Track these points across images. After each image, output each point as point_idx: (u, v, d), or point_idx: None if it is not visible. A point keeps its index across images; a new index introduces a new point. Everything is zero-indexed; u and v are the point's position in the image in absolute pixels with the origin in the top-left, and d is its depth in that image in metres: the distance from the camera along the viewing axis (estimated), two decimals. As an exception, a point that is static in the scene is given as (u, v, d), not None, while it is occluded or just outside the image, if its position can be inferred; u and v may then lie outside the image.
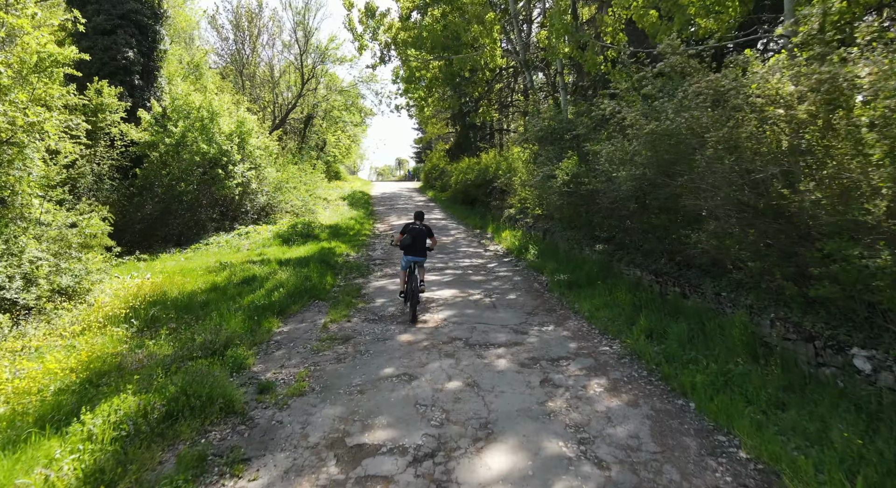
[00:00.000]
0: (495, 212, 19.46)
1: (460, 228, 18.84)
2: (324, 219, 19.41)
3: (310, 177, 22.79)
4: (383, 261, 12.85)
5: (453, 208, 23.69)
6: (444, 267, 12.15)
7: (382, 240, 16.31)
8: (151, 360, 5.88)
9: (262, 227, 16.76)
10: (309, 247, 14.15)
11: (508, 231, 15.92)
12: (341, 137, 34.52)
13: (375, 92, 32.45)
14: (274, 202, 18.40)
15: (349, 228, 17.74)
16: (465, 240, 16.35)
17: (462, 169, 23.90)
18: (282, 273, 10.16)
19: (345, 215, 20.83)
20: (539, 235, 14.01)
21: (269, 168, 19.15)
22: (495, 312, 8.36)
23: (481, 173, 19.97)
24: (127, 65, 17.97)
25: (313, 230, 16.46)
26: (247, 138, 17.95)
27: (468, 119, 30.95)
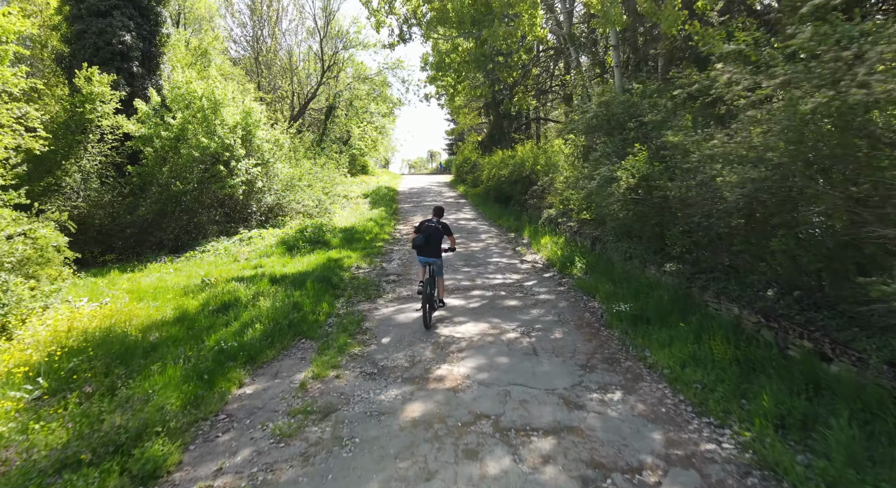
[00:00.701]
0: (532, 213, 17.13)
1: (492, 231, 16.59)
2: (340, 220, 17.45)
3: (327, 172, 20.86)
4: (399, 277, 10.73)
5: (485, 206, 21.42)
6: (470, 285, 9.96)
7: (403, 247, 14.21)
8: (20, 466, 3.90)
9: (267, 231, 14.89)
10: (315, 256, 12.16)
11: (549, 237, 13.60)
12: (367, 129, 32.60)
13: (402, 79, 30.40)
14: (283, 202, 16.52)
15: (366, 232, 15.70)
16: (497, 246, 14.10)
17: (494, 163, 21.58)
18: (264, 301, 8.13)
19: (364, 215, 18.83)
20: (586, 244, 11.64)
21: (279, 163, 17.26)
22: (537, 363, 6.13)
23: (516, 169, 17.66)
24: (124, 50, 16.30)
25: (324, 235, 14.49)
26: (253, 131, 16.09)
27: (502, 108, 28.58)
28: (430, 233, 7.69)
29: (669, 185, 5.96)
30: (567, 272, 10.62)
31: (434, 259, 7.70)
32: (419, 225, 7.87)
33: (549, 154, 17.53)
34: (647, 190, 6.62)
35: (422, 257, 7.75)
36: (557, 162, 16.15)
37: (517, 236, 15.55)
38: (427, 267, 7.65)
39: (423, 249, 7.69)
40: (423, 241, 7.64)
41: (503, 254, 13.11)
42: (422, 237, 7.64)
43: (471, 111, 35.86)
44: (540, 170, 16.41)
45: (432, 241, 7.69)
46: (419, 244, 7.67)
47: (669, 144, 6.24)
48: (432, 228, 7.73)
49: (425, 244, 7.66)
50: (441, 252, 7.82)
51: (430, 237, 7.67)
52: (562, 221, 13.62)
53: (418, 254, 7.81)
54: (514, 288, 9.74)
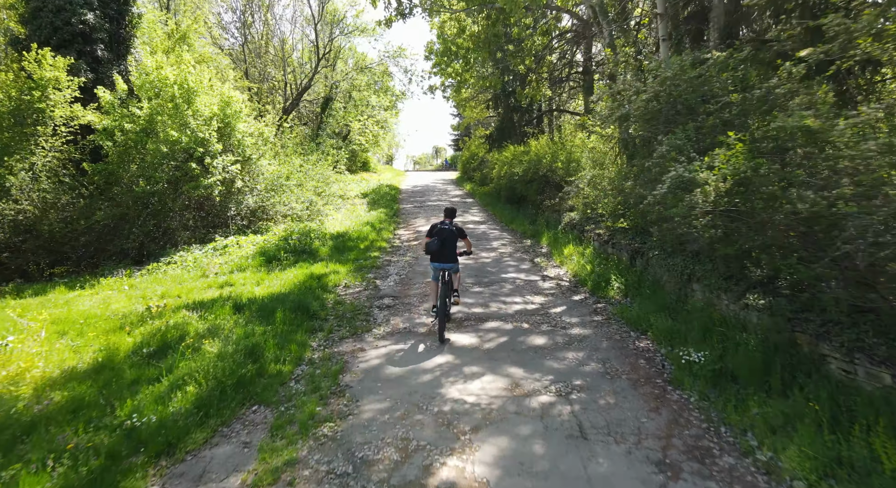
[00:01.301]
0: (549, 216, 15.11)
1: (504, 237, 14.57)
2: (332, 224, 15.48)
3: (320, 170, 18.88)
4: (395, 301, 8.74)
5: (495, 207, 19.40)
6: (484, 313, 7.96)
7: (402, 257, 12.23)
8: None
9: (247, 239, 12.94)
10: (296, 271, 10.20)
11: (572, 246, 11.59)
12: (368, 124, 30.60)
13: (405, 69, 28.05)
14: (267, 204, 14.55)
15: (360, 238, 13.72)
16: (512, 257, 12.10)
17: (505, 159, 19.54)
18: (211, 344, 6.13)
19: (360, 218, 16.85)
20: (622, 258, 9.62)
21: (264, 160, 15.30)
22: (589, 455, 4.15)
23: (531, 166, 15.63)
24: (86, 31, 14.33)
25: (311, 243, 12.53)
26: (233, 123, 14.13)
27: (512, 100, 26.57)
28: (444, 236, 7.13)
29: (794, 194, 3.94)
30: (602, 294, 8.61)
31: (451, 264, 7.15)
32: (431, 228, 7.30)
33: (569, 149, 15.49)
34: (746, 198, 4.59)
35: (437, 263, 7.17)
36: (579, 158, 14.10)
37: (534, 243, 13.54)
38: (442, 273, 7.04)
39: (438, 254, 7.12)
40: (438, 246, 7.07)
41: (520, 266, 11.10)
42: (436, 242, 7.07)
43: (478, 104, 33.79)
44: (559, 169, 14.36)
45: (447, 245, 7.14)
46: (434, 249, 7.09)
47: (789, 133, 4.21)
48: (446, 231, 7.17)
49: (441, 248, 7.09)
50: (457, 256, 7.27)
51: (444, 241, 7.12)
52: (589, 229, 11.59)
53: (432, 260, 7.21)
54: (539, 317, 7.73)
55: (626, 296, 8.34)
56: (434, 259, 7.21)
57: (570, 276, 10.17)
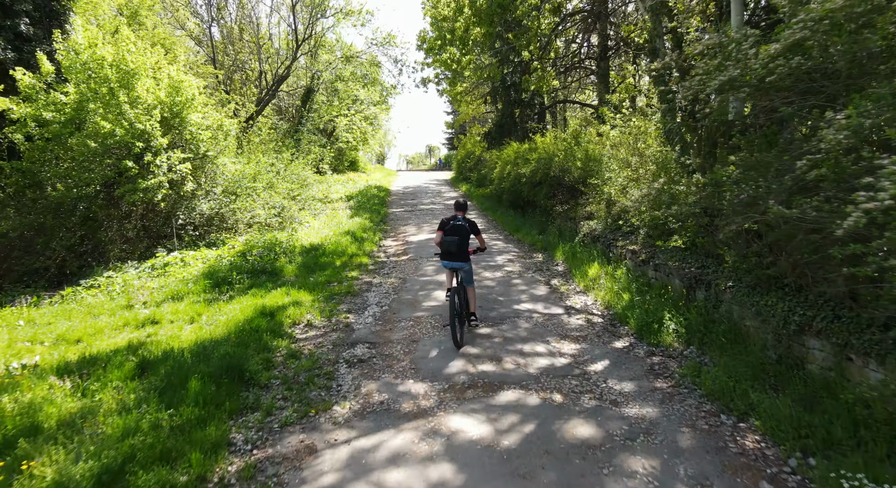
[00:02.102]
0: (563, 224, 12.80)
1: (510, 250, 12.25)
2: (307, 233, 13.10)
3: (296, 170, 16.45)
4: (371, 350, 6.37)
5: (496, 212, 17.07)
6: (495, 372, 5.62)
7: (387, 277, 9.88)
8: None
9: (196, 254, 10.54)
10: (247, 301, 7.84)
11: (598, 265, 9.30)
12: (356, 120, 28.16)
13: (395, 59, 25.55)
14: (226, 211, 12.12)
15: (337, 253, 11.35)
16: (522, 277, 9.77)
17: (508, 158, 17.20)
18: (46, 464, 3.74)
19: (341, 226, 14.47)
20: (673, 286, 7.29)
21: (225, 158, 12.89)
22: None
23: (541, 166, 13.28)
24: (5, 2, 11.86)
25: (275, 259, 10.18)
26: (185, 113, 11.71)
27: (513, 93, 24.28)
28: (458, 233, 6.62)
29: None
30: (653, 340, 6.29)
31: (462, 264, 6.63)
32: (442, 223, 6.84)
33: (586, 146, 13.18)
34: None
35: (447, 262, 6.68)
36: (599, 157, 11.79)
37: (547, 259, 11.23)
38: (455, 273, 6.66)
39: (452, 254, 6.57)
40: (455, 247, 6.52)
41: (534, 291, 8.77)
42: (453, 242, 6.51)
43: (474, 99, 31.47)
44: (576, 169, 12.03)
45: (460, 243, 6.58)
46: (452, 249, 6.53)
47: None
48: (460, 228, 6.68)
49: (457, 249, 6.54)
50: (469, 255, 6.75)
51: (459, 239, 6.58)
52: (620, 244, 9.26)
53: (443, 258, 6.73)
54: (575, 380, 5.40)
55: (689, 345, 6.04)
56: (445, 257, 6.66)
57: (602, 307, 7.85)
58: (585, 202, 12.24)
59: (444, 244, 6.60)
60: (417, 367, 5.75)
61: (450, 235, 6.60)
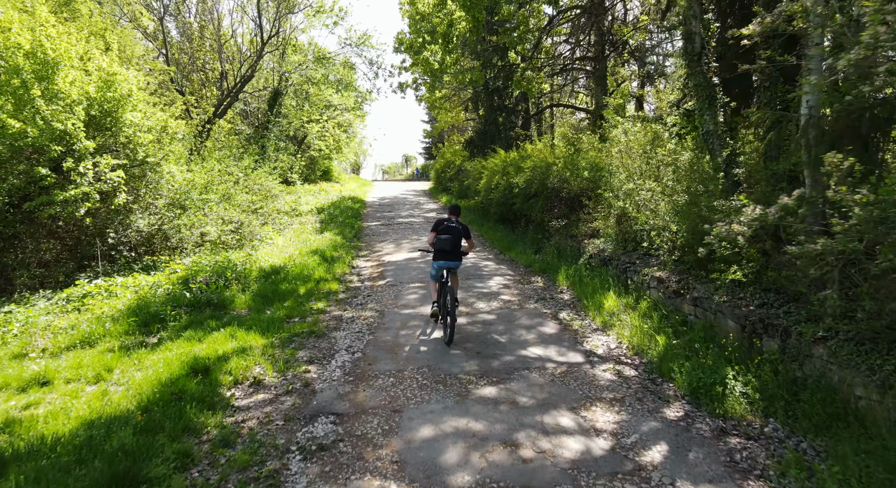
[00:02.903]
0: (561, 241, 11.28)
1: (503, 272, 10.64)
2: (268, 253, 11.29)
3: (259, 179, 14.62)
4: (337, 428, 4.61)
5: (482, 227, 15.48)
6: (511, 466, 3.95)
7: (360, 311, 8.16)
8: None
9: (126, 281, 8.65)
10: (177, 351, 6.04)
11: (614, 294, 7.77)
12: (329, 126, 26.35)
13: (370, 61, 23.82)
14: (169, 228, 10.22)
15: (302, 277, 9.59)
16: (523, 308, 8.15)
17: (495, 167, 15.66)
18: None
19: (308, 243, 12.69)
20: (730, 328, 5.73)
21: (172, 165, 11.03)
22: None
23: (538, 175, 11.73)
24: None
25: (224, 288, 8.39)
26: (120, 112, 9.85)
27: (497, 98, 22.88)
28: (451, 233, 6.80)
29: None
30: (718, 410, 4.69)
31: (456, 263, 6.85)
32: (437, 223, 7.02)
33: (593, 154, 11.72)
34: None
35: (442, 262, 6.78)
36: (606, 166, 10.31)
37: (548, 284, 9.66)
38: (445, 274, 6.76)
39: (443, 252, 6.76)
40: (451, 246, 6.73)
41: (542, 329, 7.15)
42: (448, 241, 6.70)
43: (454, 106, 30.05)
44: (581, 179, 10.52)
45: (454, 244, 6.78)
46: (446, 249, 6.72)
47: None
48: (454, 229, 6.86)
49: (452, 249, 6.76)
50: (461, 255, 6.96)
51: (453, 239, 6.77)
52: (646, 272, 7.68)
53: (437, 258, 6.82)
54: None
55: (768, 417, 4.48)
56: (439, 257, 6.83)
57: (630, 353, 6.27)
58: (589, 217, 10.75)
59: (438, 243, 6.75)
60: (402, 460, 4.05)
61: (443, 234, 6.77)
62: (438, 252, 6.81)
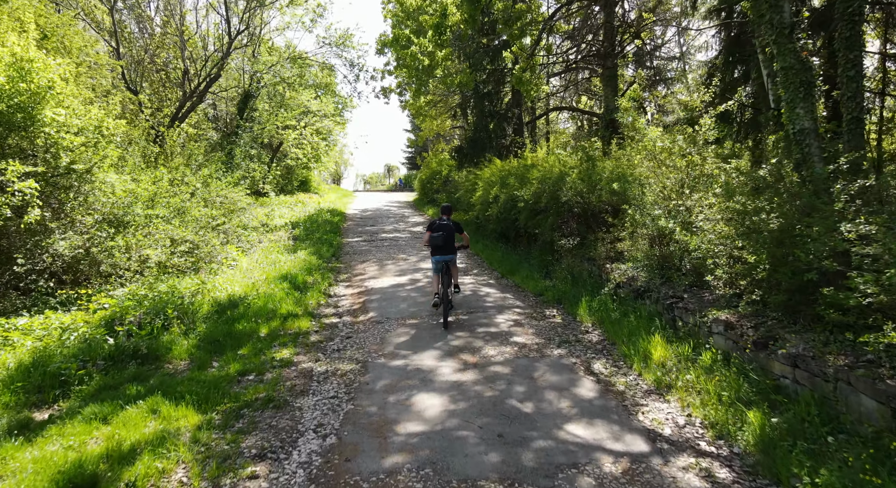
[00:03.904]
0: (573, 263, 9.62)
1: (510, 303, 8.89)
2: (229, 278, 9.41)
3: (222, 190, 12.70)
4: None
5: (479, 245, 13.75)
6: None
7: (338, 362, 6.35)
8: None
9: (33, 323, 6.69)
10: (64, 442, 4.15)
11: (659, 340, 6.08)
12: (306, 133, 24.44)
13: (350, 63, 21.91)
14: (99, 251, 8.24)
15: (264, 313, 7.74)
16: (544, 355, 6.39)
17: (491, 178, 13.97)
18: None
19: (278, 264, 10.83)
20: (870, 410, 4.05)
21: (111, 173, 9.11)
22: None
23: (548, 187, 10.01)
24: None
25: (165, 328, 6.52)
26: (37, 109, 7.93)
27: (487, 103, 21.35)
28: (446, 231, 7.71)
29: None
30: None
31: (451, 256, 7.75)
32: (430, 223, 7.93)
33: (604, 163, 10.10)
34: None
35: (439, 256, 7.68)
36: (634, 174, 8.66)
37: (568, 318, 7.95)
38: (444, 266, 7.61)
39: (440, 248, 7.69)
40: (441, 243, 7.66)
41: (577, 391, 5.39)
42: (440, 238, 7.64)
43: (439, 113, 28.41)
44: (606, 191, 8.83)
45: (448, 240, 7.71)
46: (439, 244, 7.66)
47: None
48: (446, 227, 7.77)
49: (442, 244, 7.66)
50: (456, 249, 7.89)
51: (446, 237, 7.69)
52: (713, 316, 5.96)
53: (434, 253, 7.76)
54: None
55: None
56: (436, 253, 7.68)
57: (710, 433, 4.55)
58: (609, 236, 9.10)
59: (432, 240, 7.63)
60: None
61: (436, 232, 7.61)
62: (434, 248, 7.73)
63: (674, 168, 7.82)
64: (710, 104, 8.81)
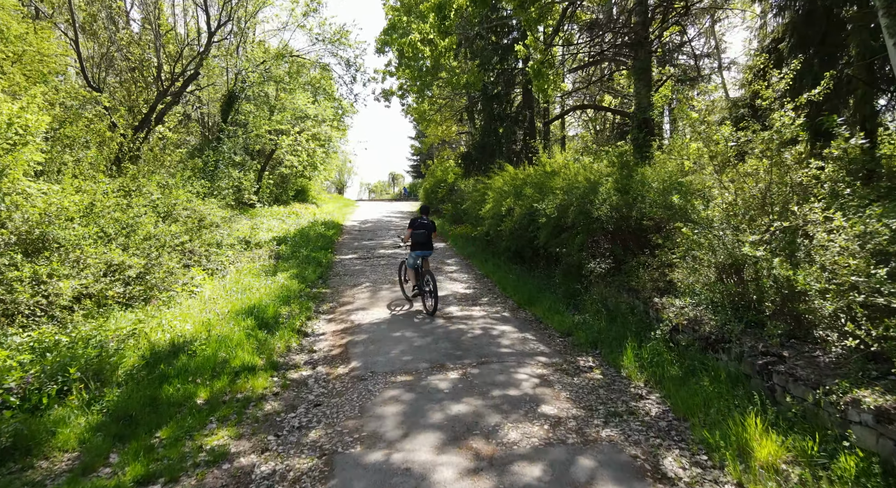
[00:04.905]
0: (608, 293, 7.71)
1: (531, 347, 6.97)
2: (181, 313, 7.56)
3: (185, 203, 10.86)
4: None
5: (489, 265, 11.84)
6: None
7: (293, 445, 4.45)
8: None
9: None
10: None
11: (757, 424, 4.13)
12: (301, 139, 22.67)
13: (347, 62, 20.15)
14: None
15: (211, 365, 5.86)
16: (579, 431, 4.48)
17: (503, 187, 12.10)
18: None
19: (249, 293, 8.95)
20: None
21: (16, 181, 7.29)
22: None
23: (577, 198, 8.09)
24: None
25: (60, 397, 4.65)
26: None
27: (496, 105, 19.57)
28: (425, 228, 8.64)
29: None
30: None
31: (429, 252, 8.71)
32: (412, 221, 8.77)
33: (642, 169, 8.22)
34: None
35: (419, 251, 8.56)
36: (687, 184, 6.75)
37: (609, 371, 6.05)
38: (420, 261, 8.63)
39: (419, 244, 8.56)
40: (424, 238, 8.58)
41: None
42: (424, 234, 8.57)
43: (444, 118, 26.65)
44: (655, 205, 6.90)
45: (429, 236, 8.66)
46: (422, 241, 8.54)
47: None
48: (427, 225, 8.70)
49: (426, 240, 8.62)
50: (433, 245, 8.79)
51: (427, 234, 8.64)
52: (801, 375, 4.04)
53: (414, 249, 8.58)
54: None
55: None
56: (417, 248, 8.54)
57: None
58: (656, 260, 7.19)
59: (415, 237, 8.58)
60: None
61: (419, 230, 8.60)
62: (416, 244, 8.53)
63: (750, 175, 5.92)
64: (784, 95, 6.92)
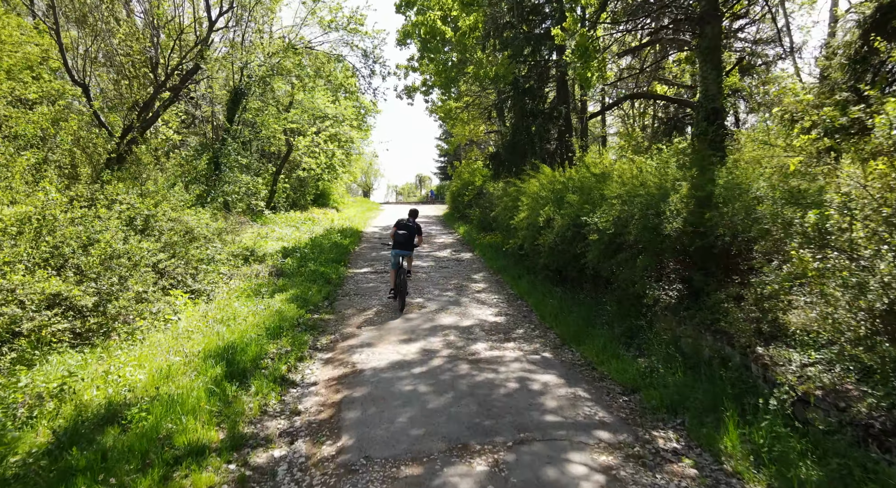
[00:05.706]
0: (682, 331, 5.82)
1: (585, 412, 5.15)
2: (141, 353, 5.99)
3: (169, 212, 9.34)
4: None
5: (523, 284, 10.03)
6: None
7: None
8: None
9: None
10: None
11: None
12: (319, 140, 21.19)
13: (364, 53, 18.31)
14: None
15: (146, 445, 4.21)
16: None
17: (539, 192, 10.26)
18: None
19: (233, 324, 7.34)
20: None
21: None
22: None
23: (640, 210, 6.24)
24: None
25: None
26: None
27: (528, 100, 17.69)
28: (410, 231, 9.06)
29: None
30: None
31: (409, 252, 9.09)
32: (397, 223, 9.23)
33: (720, 171, 6.31)
34: None
35: (399, 250, 8.89)
36: (816, 191, 4.83)
37: (703, 460, 4.17)
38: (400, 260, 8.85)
39: (400, 244, 8.95)
40: (404, 239, 9.00)
41: None
42: (403, 236, 9.00)
43: (472, 116, 24.86)
44: (771, 215, 5.00)
45: (409, 238, 9.02)
46: (401, 241, 8.96)
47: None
48: (411, 227, 9.11)
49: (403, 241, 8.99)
50: (413, 246, 9.16)
51: (408, 235, 9.02)
52: None
53: (395, 248, 8.93)
54: None
55: None
56: (397, 247, 8.92)
57: None
58: (752, 292, 5.28)
59: (397, 236, 9.01)
60: None
61: (402, 230, 9.04)
62: (396, 243, 9.04)
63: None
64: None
